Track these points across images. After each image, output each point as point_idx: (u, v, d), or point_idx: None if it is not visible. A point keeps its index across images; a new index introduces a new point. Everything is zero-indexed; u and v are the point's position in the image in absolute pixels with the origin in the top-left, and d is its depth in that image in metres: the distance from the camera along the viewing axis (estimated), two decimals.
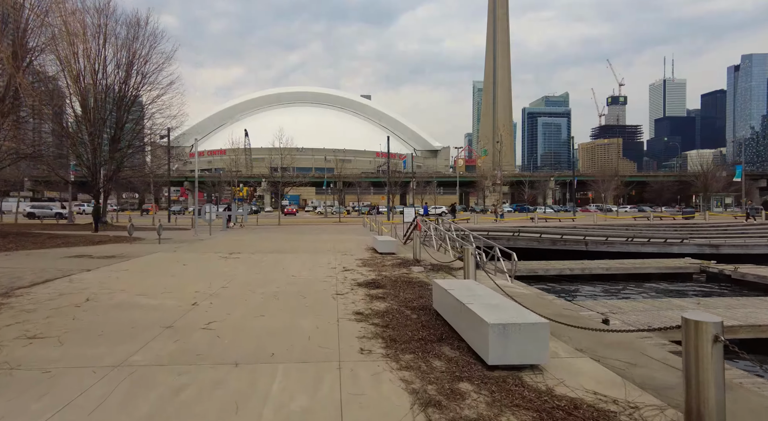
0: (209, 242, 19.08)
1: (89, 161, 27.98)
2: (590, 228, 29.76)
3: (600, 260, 21.90)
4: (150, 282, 9.06)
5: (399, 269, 11.25)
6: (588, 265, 19.78)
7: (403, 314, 6.45)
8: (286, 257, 13.68)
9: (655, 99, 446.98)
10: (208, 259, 13.05)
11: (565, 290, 17.18)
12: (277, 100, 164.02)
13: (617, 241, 24.64)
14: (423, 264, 12.07)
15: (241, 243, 18.40)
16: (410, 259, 13.08)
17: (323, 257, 13.76)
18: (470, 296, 5.64)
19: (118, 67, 27.70)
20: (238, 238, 21.54)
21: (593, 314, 10.45)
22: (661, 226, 33.06)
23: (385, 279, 9.49)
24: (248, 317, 6.30)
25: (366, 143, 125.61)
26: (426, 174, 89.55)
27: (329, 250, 15.77)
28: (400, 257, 13.63)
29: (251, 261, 12.50)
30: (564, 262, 20.63)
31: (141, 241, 19.02)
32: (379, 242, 14.69)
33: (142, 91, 29.43)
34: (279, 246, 17.21)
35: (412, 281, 9.28)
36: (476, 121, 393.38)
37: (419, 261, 12.41)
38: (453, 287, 6.06)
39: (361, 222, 39.96)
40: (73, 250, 15.01)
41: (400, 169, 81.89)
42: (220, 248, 16.05)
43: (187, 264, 11.80)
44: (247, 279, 9.52)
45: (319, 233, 25.98)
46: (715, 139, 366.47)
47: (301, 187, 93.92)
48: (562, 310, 8.11)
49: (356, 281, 9.31)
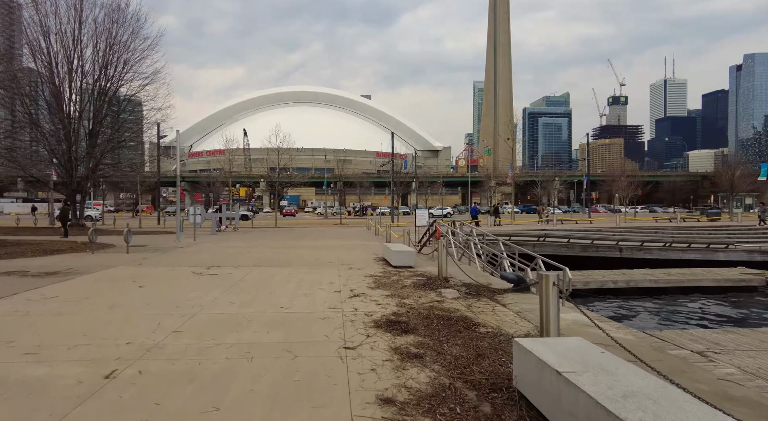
0: (189, 250, 16.26)
1: (64, 157, 25.15)
2: (617, 232, 26.95)
3: (641, 268, 19.11)
4: (69, 322, 6.24)
5: (425, 292, 8.45)
6: (632, 276, 16.98)
7: (464, 402, 3.65)
8: (278, 272, 10.87)
9: (656, 99, 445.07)
10: (176, 276, 10.24)
11: (613, 309, 14.38)
12: (277, 99, 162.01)
13: (654, 246, 21.84)
14: (454, 284, 9.26)
15: (226, 252, 15.58)
16: (434, 275, 10.29)
17: (324, 272, 10.95)
18: (609, 386, 2.86)
19: (96, 53, 24.91)
20: (225, 244, 18.73)
21: (687, 353, 7.65)
22: (692, 228, 30.30)
23: (413, 313, 6.69)
24: (189, 415, 3.48)
25: (366, 143, 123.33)
26: (430, 174, 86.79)
27: (331, 261, 12.96)
28: (421, 273, 10.83)
29: (230, 280, 9.68)
30: (602, 272, 17.84)
31: (107, 249, 16.21)
32: (393, 253, 11.88)
33: (124, 81, 26.62)
34: (271, 256, 14.39)
35: (452, 317, 6.47)
36: (477, 121, 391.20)
37: (448, 280, 9.59)
38: (562, 362, 3.25)
39: (365, 224, 37.13)
40: (12, 263, 12.19)
41: (401, 169, 78.99)
42: (198, 259, 13.24)
43: (144, 286, 8.98)
44: (215, 314, 6.71)
45: (318, 238, 23.19)
46: (717, 139, 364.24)
47: (301, 188, 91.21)
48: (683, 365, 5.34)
49: (372, 317, 6.50)
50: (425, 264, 12.62)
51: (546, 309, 5.23)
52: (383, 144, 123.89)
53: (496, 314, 6.96)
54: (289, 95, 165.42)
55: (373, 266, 12.04)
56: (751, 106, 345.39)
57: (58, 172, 26.52)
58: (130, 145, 27.69)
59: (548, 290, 5.22)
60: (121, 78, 26.37)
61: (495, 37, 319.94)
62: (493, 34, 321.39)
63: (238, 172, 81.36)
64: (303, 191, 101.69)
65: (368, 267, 11.88)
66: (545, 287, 5.25)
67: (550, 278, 5.24)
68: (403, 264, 11.73)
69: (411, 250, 12.13)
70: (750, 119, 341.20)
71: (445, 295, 8.21)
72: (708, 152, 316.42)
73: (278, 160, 39.09)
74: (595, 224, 36.86)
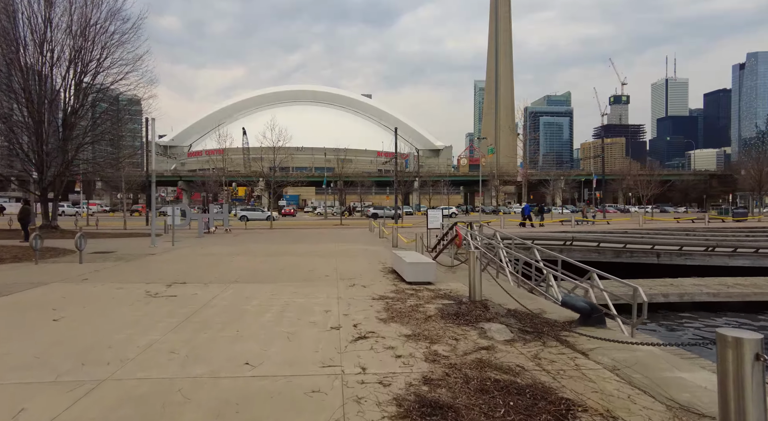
0: (161, 258, 13.70)
1: (34, 151, 22.59)
2: (646, 234, 24.38)
3: (685, 277, 16.56)
4: None
5: (461, 329, 5.91)
6: (683, 287, 14.42)
7: None
8: (258, 293, 8.31)
9: (657, 98, 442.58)
10: (121, 299, 7.68)
11: (675, 333, 11.84)
12: (276, 99, 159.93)
13: (695, 251, 19.27)
14: (496, 313, 6.70)
15: (203, 260, 13.03)
16: (463, 296, 7.79)
17: (318, 291, 8.40)
18: None
19: (69, 36, 22.32)
20: (207, 250, 16.16)
21: None
22: (725, 230, 27.70)
23: (455, 377, 4.14)
24: None
25: (367, 143, 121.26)
26: (435, 173, 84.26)
27: (328, 274, 10.41)
28: (445, 293, 8.29)
29: (190, 306, 7.13)
30: (643, 282, 15.26)
31: (59, 257, 13.68)
32: (407, 266, 9.30)
33: (102, 68, 24.01)
34: (256, 267, 11.84)
35: (520, 385, 3.94)
36: (478, 121, 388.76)
37: (487, 307, 7.03)
38: None
39: (367, 225, 34.56)
40: None
41: (403, 168, 76.51)
42: (164, 272, 10.69)
43: (64, 316, 6.42)
44: (134, 383, 4.14)
45: (316, 241, 20.65)
46: (718, 138, 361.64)
47: (301, 187, 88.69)
48: None
49: (390, 388, 3.94)
50: (447, 278, 10.06)
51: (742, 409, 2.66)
52: (384, 143, 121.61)
53: (585, 375, 4.40)
54: (289, 94, 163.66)
55: (382, 282, 9.49)
56: (754, 105, 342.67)
57: (26, 168, 23.98)
58: (109, 138, 25.11)
59: (742, 370, 2.66)
60: (100, 64, 23.81)
61: (496, 36, 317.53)
62: (494, 33, 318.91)
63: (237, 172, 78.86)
64: (303, 191, 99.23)
65: (375, 283, 9.33)
66: (736, 365, 2.68)
67: (746, 344, 2.68)
68: (421, 280, 9.18)
69: (429, 261, 9.55)
70: (753, 118, 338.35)
71: (491, 334, 5.64)
72: (710, 152, 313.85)
73: (274, 157, 36.55)
74: (614, 225, 34.28)
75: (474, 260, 7.81)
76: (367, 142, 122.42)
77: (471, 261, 7.84)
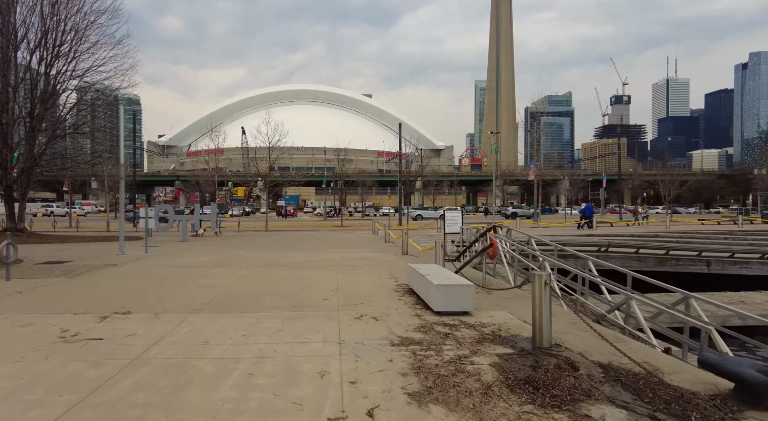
0: (118, 271, 11.17)
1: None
2: (681, 238, 21.85)
3: (746, 291, 14.07)
4: None
5: (545, 414, 3.39)
6: (756, 304, 11.92)
7: None
8: (222, 334, 5.78)
9: (659, 99, 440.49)
10: (13, 346, 5.16)
11: None
12: (277, 98, 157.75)
13: (751, 259, 16.75)
14: (591, 375, 4.20)
15: (171, 275, 10.51)
16: (521, 338, 5.31)
17: (310, 330, 5.88)
18: None
19: (34, 15, 19.81)
20: (181, 259, 13.64)
21: None
22: (765, 233, 25.17)
23: None
24: None
25: (367, 142, 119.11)
26: (439, 172, 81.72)
27: (326, 298, 7.89)
28: (494, 332, 5.79)
29: (112, 363, 4.61)
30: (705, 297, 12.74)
31: None
32: (435, 290, 6.72)
33: (77, 53, 21.46)
34: (232, 285, 9.33)
35: None
36: (478, 121, 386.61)
37: (573, 364, 4.52)
38: None
39: (370, 227, 32.04)
40: None
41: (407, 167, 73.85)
42: (109, 294, 8.18)
43: None
44: None
45: (314, 246, 18.14)
46: (720, 139, 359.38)
47: (301, 187, 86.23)
48: None
49: None
50: (484, 303, 7.54)
51: None
52: (385, 142, 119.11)
53: None
54: (289, 94, 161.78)
55: (399, 309, 6.98)
56: (756, 105, 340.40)
57: None
58: (83, 132, 22.58)
59: None
60: (73, 48, 21.27)
61: (497, 36, 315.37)
62: (495, 33, 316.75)
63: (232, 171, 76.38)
64: (303, 191, 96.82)
65: (390, 312, 6.82)
66: None
67: None
68: (454, 309, 6.66)
69: (464, 283, 7.00)
70: (755, 118, 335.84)
71: None
72: (712, 152, 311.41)
73: (269, 154, 34.02)
74: (635, 227, 31.76)
75: (542, 287, 5.30)
76: (368, 142, 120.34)
77: (536, 289, 5.33)
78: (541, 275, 5.36)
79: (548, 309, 5.30)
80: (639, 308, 7.54)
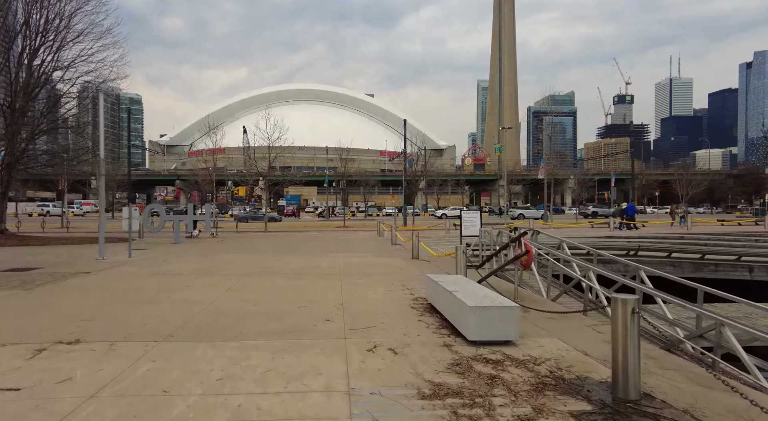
0: (88, 281, 9.71)
1: None
2: (710, 241, 20.31)
3: None
4: None
5: None
6: None
7: None
8: (190, 376, 4.32)
9: (662, 98, 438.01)
10: None
11: None
12: (278, 97, 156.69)
13: None
14: None
15: (143, 288, 9.05)
16: (595, 383, 3.82)
17: (309, 370, 4.41)
18: None
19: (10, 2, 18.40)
20: (161, 268, 12.18)
21: None
22: None
23: None
24: None
25: (370, 142, 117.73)
26: (444, 172, 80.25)
27: (330, 319, 6.42)
28: (552, 371, 4.30)
29: None
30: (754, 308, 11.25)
31: None
32: (471, 314, 5.20)
33: (64, 43, 20.03)
34: (216, 300, 7.88)
35: None
36: (481, 121, 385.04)
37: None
38: None
39: (373, 227, 30.60)
40: None
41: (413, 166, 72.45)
42: (65, 313, 6.73)
43: None
44: None
45: (315, 249, 16.70)
46: (723, 139, 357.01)
47: (303, 187, 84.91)
48: None
49: None
50: (524, 324, 6.04)
51: None
52: (388, 141, 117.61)
53: None
54: (291, 93, 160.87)
55: (422, 336, 5.51)
56: (761, 105, 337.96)
57: None
58: (68, 127, 21.14)
59: None
60: (58, 37, 19.84)
61: (500, 35, 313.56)
62: (498, 32, 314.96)
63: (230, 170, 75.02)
64: (304, 191, 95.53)
65: (412, 341, 5.34)
66: None
67: None
68: (493, 339, 5.18)
69: (505, 304, 5.49)
70: (760, 118, 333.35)
71: None
72: (716, 152, 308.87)
73: (269, 151, 32.61)
74: (652, 228, 30.21)
75: (627, 317, 3.83)
76: (370, 142, 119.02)
77: (619, 318, 3.86)
78: (626, 300, 3.89)
79: (636, 347, 3.82)
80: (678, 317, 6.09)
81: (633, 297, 3.91)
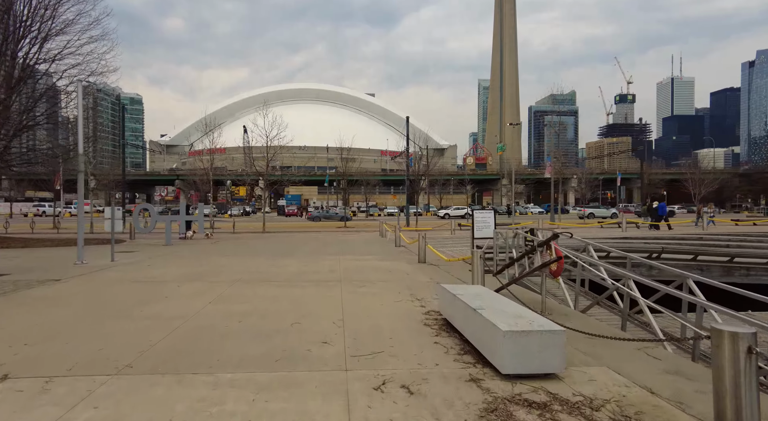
0: (55, 290, 8.63)
1: None
2: (732, 242, 19.20)
3: None
4: None
5: None
6: None
7: None
8: (156, 418, 3.24)
9: (663, 98, 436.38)
10: None
11: None
12: (279, 97, 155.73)
13: None
14: None
15: (117, 300, 7.97)
16: None
17: (301, 415, 3.34)
18: None
19: None
20: (144, 273, 11.11)
21: None
22: None
23: None
24: None
25: (370, 142, 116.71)
26: (447, 171, 79.12)
27: (327, 341, 5.32)
28: (613, 416, 3.19)
29: None
30: None
31: None
32: (502, 338, 4.14)
33: (48, 34, 18.95)
34: (197, 315, 6.80)
35: None
36: (482, 120, 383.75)
37: None
38: None
39: (375, 227, 29.53)
40: None
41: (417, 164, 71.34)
42: (17, 327, 5.66)
43: None
44: None
45: (314, 252, 15.61)
46: (725, 138, 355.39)
47: (303, 187, 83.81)
48: None
49: None
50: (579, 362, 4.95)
51: None
52: (389, 140, 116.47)
53: None
54: (292, 93, 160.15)
55: (440, 368, 4.42)
56: (764, 104, 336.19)
57: None
58: (55, 122, 20.08)
59: None
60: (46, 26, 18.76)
61: (501, 34, 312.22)
62: (499, 31, 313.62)
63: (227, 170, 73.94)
64: (305, 190, 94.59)
65: (429, 376, 4.25)
66: None
67: None
68: (534, 371, 4.09)
69: (547, 325, 4.40)
70: (763, 117, 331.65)
71: None
72: (718, 151, 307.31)
73: (267, 150, 31.53)
74: (666, 230, 29.04)
75: (739, 358, 2.75)
76: (371, 141, 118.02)
77: (726, 359, 2.77)
78: (736, 334, 2.80)
79: (755, 403, 2.73)
80: None
81: (747, 330, 2.81)
